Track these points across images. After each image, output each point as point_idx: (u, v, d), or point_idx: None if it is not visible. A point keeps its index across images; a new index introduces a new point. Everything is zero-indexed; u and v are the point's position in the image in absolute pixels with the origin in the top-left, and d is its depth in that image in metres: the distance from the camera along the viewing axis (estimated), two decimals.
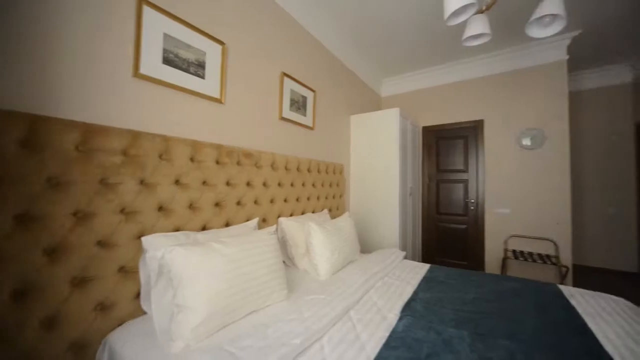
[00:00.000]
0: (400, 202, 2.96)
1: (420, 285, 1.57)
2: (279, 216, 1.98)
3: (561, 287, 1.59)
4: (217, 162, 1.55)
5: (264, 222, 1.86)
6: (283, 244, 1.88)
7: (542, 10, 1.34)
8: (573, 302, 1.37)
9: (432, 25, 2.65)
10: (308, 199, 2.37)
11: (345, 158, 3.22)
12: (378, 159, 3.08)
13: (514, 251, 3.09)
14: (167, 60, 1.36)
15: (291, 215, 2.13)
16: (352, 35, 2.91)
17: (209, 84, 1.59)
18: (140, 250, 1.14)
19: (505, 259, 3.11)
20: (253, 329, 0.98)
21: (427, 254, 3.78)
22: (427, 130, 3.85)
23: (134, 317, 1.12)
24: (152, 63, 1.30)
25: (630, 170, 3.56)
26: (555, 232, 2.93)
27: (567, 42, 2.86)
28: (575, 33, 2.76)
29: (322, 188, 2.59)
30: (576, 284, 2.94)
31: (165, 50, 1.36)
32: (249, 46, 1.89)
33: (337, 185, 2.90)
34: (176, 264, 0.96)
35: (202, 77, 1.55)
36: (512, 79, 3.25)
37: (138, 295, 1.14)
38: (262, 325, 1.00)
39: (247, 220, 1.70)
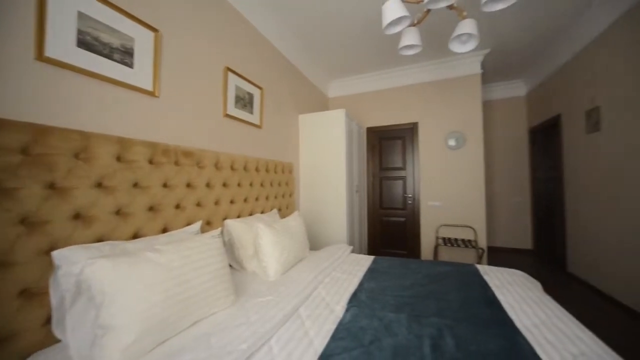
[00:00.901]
0: (347, 199, 3.10)
1: (365, 276, 1.68)
2: (224, 218, 1.89)
3: (478, 266, 1.87)
4: (151, 162, 1.39)
5: (208, 226, 1.75)
6: (230, 247, 1.80)
7: (460, 29, 1.55)
8: (486, 278, 1.64)
9: (375, 33, 2.83)
10: (256, 199, 2.31)
11: (295, 157, 3.23)
12: (326, 158, 3.17)
13: (443, 239, 3.53)
14: (83, 43, 1.17)
15: (238, 216, 2.05)
16: (299, 36, 2.93)
17: (140, 75, 1.42)
18: (50, 267, 0.96)
19: (437, 246, 3.53)
20: (195, 340, 0.92)
21: (373, 246, 4.05)
22: (371, 131, 4.11)
23: (44, 347, 0.94)
24: (62, 45, 1.10)
25: (526, 166, 4.39)
26: (474, 219, 3.44)
27: (481, 58, 3.38)
28: (486, 51, 3.27)
29: (271, 188, 2.55)
30: (490, 262, 3.51)
31: (80, 32, 1.16)
32: (188, 36, 1.74)
33: (287, 184, 2.89)
34: (99, 279, 0.84)
35: (130, 66, 1.37)
36: (440, 87, 3.69)
37: (49, 320, 0.96)
38: (206, 335, 0.94)
39: (188, 224, 1.58)
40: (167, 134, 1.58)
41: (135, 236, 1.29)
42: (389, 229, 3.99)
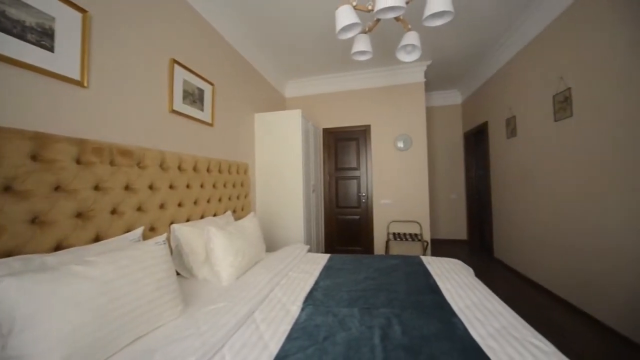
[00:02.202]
0: (304, 199, 3.12)
1: (321, 274, 1.72)
2: (171, 223, 1.74)
3: (423, 257, 2.06)
4: (79, 162, 1.22)
5: (151, 232, 1.59)
6: (178, 253, 1.67)
7: (405, 40, 1.68)
8: (429, 267, 1.81)
9: (331, 37, 2.90)
10: (208, 201, 2.18)
11: (250, 157, 3.13)
12: (283, 158, 3.14)
13: (393, 234, 3.79)
14: None
15: (188, 220, 1.91)
16: (255, 34, 2.87)
17: (63, 61, 1.23)
18: None
19: (388, 241, 3.78)
20: (136, 358, 0.83)
21: (329, 244, 4.15)
22: (327, 132, 4.20)
23: None
24: None
25: (461, 166, 4.96)
26: (420, 215, 3.77)
27: (424, 68, 3.71)
28: (428, 62, 3.60)
29: (224, 189, 2.43)
30: (433, 253, 3.87)
31: None
32: (126, 22, 1.56)
33: (242, 185, 2.79)
34: (6, 303, 0.70)
35: (50, 49, 1.18)
36: (390, 92, 3.95)
37: None
38: (149, 351, 0.86)
39: (128, 231, 1.42)
40: (99, 130, 1.39)
41: (58, 248, 1.11)
42: (344, 227, 4.13)
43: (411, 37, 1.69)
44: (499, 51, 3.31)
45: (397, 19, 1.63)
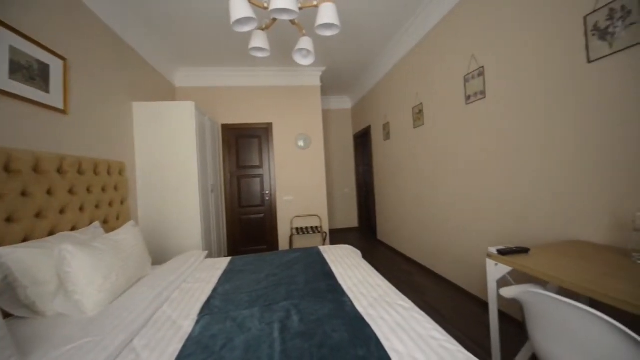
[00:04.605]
0: (201, 201, 2.84)
1: (220, 280, 1.62)
2: None
3: (321, 247, 2.24)
4: None
5: None
6: (9, 287, 1.21)
7: (300, 44, 1.78)
8: (325, 256, 1.99)
9: (229, 28, 2.71)
10: (61, 212, 1.68)
11: (128, 154, 2.60)
12: (173, 156, 2.75)
13: (297, 228, 3.97)
14: None
15: (25, 240, 1.41)
16: (134, 10, 2.37)
17: None
18: None
19: (291, 236, 3.93)
20: None
21: (233, 246, 3.95)
22: (226, 128, 3.95)
23: None
24: None
25: (352, 163, 5.67)
26: (319, 209, 4.09)
27: (320, 73, 4.02)
28: (323, 68, 3.92)
29: (88, 194, 1.93)
30: (331, 242, 4.29)
31: None
32: None
33: (116, 188, 2.28)
34: None
35: None
36: (290, 92, 4.08)
37: None
38: None
39: None
40: None
41: None
42: (249, 227, 4.02)
43: (305, 42, 1.79)
44: (379, 65, 3.94)
45: (292, 22, 1.69)
